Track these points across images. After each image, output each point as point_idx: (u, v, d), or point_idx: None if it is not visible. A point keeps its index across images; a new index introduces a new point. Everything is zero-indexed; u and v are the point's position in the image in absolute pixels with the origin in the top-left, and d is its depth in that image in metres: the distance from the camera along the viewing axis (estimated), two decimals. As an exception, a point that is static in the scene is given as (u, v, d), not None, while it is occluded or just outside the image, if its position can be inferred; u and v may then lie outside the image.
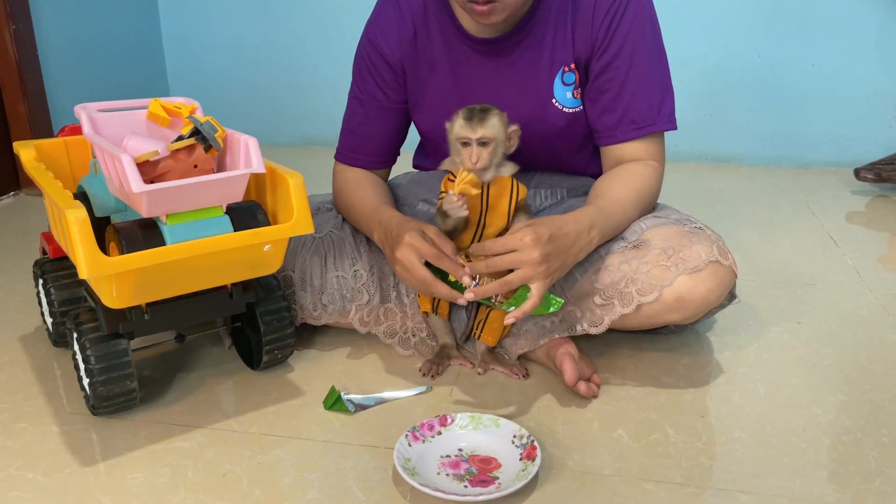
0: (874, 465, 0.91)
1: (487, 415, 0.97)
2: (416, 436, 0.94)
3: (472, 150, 0.98)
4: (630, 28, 1.11)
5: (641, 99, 1.12)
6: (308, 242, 1.21)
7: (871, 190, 2.12)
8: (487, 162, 0.99)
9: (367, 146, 1.27)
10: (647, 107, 1.13)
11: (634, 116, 1.13)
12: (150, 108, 1.02)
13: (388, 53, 1.20)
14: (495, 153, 1.00)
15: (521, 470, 0.88)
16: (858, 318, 1.31)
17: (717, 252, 1.04)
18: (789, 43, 2.30)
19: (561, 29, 1.13)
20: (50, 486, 0.89)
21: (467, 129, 0.98)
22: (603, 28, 1.11)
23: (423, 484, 0.85)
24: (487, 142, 0.98)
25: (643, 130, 1.13)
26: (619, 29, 1.10)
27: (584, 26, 1.12)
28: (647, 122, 1.13)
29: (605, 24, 1.11)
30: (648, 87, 1.12)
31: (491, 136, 0.98)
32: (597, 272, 1.07)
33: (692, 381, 1.11)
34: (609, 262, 1.07)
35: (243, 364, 1.17)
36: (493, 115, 0.99)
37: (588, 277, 1.07)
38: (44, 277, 1.18)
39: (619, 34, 1.11)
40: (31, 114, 2.12)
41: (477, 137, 0.97)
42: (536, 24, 1.13)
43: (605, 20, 1.10)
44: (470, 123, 0.98)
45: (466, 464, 0.91)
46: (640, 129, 1.13)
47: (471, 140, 0.98)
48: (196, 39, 2.73)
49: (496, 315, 1.10)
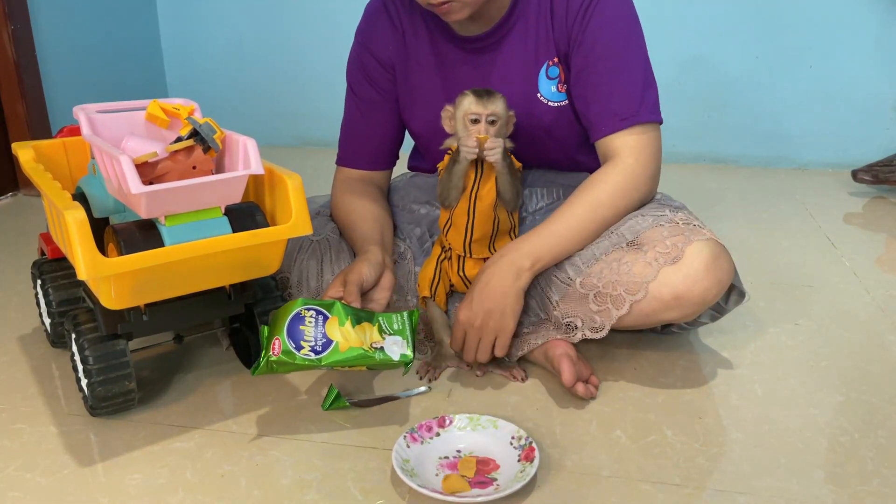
0: (871, 465, 0.91)
1: (486, 416, 0.98)
2: (415, 437, 0.95)
3: (482, 125, 1.06)
4: (604, 20, 1.10)
5: (622, 90, 1.11)
6: (305, 245, 1.21)
7: (868, 191, 2.12)
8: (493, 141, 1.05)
9: (367, 147, 1.28)
10: (628, 98, 1.11)
11: (617, 108, 1.11)
12: (149, 110, 1.02)
13: (379, 55, 1.22)
14: (499, 133, 1.07)
15: (520, 471, 0.88)
16: (856, 320, 1.31)
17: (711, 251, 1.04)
18: (787, 45, 2.30)
19: (543, 23, 1.14)
20: (48, 487, 0.89)
21: (479, 105, 1.05)
22: (577, 21, 1.11)
23: (421, 485, 0.85)
24: (495, 119, 1.06)
25: (626, 122, 1.11)
26: (593, 21, 1.10)
27: (561, 20, 1.12)
28: (630, 112, 1.11)
29: (580, 17, 1.11)
30: (628, 78, 1.12)
31: (499, 113, 1.06)
32: (589, 275, 1.07)
33: (690, 382, 1.11)
34: (602, 263, 1.07)
35: (241, 365, 1.17)
36: (499, 95, 1.07)
37: (582, 279, 1.08)
38: (42, 278, 1.18)
39: (593, 26, 1.11)
40: (30, 114, 2.11)
41: (487, 113, 1.05)
42: (519, 20, 1.14)
43: (580, 13, 1.11)
44: (480, 100, 1.05)
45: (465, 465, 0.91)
46: (623, 121, 1.11)
47: (481, 116, 1.05)
48: (195, 40, 2.73)
49: None
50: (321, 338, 0.96)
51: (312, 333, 0.96)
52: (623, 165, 1.11)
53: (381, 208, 1.26)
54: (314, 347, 0.95)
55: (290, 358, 0.94)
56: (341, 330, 0.97)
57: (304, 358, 0.95)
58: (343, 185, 1.28)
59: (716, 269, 1.04)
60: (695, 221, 1.09)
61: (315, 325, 0.96)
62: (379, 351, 0.98)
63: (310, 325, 0.96)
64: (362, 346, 0.97)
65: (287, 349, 0.94)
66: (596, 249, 1.09)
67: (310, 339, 0.96)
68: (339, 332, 0.97)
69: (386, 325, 1.01)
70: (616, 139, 1.12)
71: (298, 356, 0.94)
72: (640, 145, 1.12)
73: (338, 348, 0.96)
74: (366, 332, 0.99)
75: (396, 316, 1.02)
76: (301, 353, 0.95)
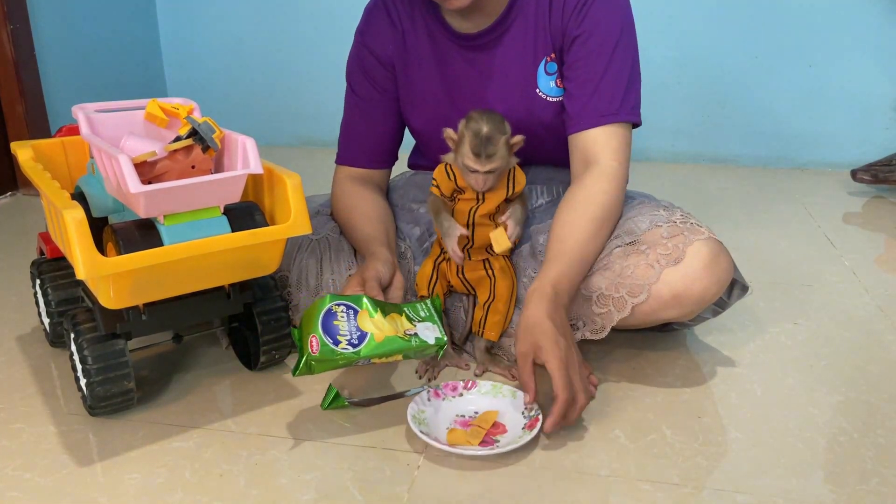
0: (870, 465, 0.91)
1: (508, 386, 1.04)
2: (438, 393, 1.02)
3: (479, 177, 1.05)
4: (599, 18, 1.11)
5: (606, 87, 1.12)
6: (305, 244, 1.21)
7: (867, 191, 2.12)
8: (493, 184, 1.07)
9: (367, 145, 1.28)
10: (611, 96, 1.12)
11: (598, 104, 1.12)
12: (148, 109, 1.02)
13: (379, 54, 1.22)
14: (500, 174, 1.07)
15: (518, 437, 0.94)
16: (855, 319, 1.31)
17: (710, 250, 1.04)
18: (786, 44, 2.31)
19: (542, 19, 1.14)
20: (47, 487, 0.89)
21: (477, 163, 1.03)
22: (573, 17, 1.12)
23: (425, 432, 0.92)
24: (493, 171, 1.04)
25: (606, 119, 1.11)
26: (588, 18, 1.11)
27: (558, 15, 1.13)
28: (611, 111, 1.11)
29: (576, 13, 1.11)
30: (615, 77, 1.12)
31: (499, 167, 1.05)
32: (592, 276, 1.07)
33: (689, 382, 1.11)
34: (604, 266, 1.07)
35: (240, 364, 1.17)
36: (500, 145, 1.03)
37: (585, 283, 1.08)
38: (41, 277, 1.18)
39: (588, 23, 1.11)
40: (29, 114, 2.11)
41: (485, 171, 1.04)
42: (518, 16, 1.15)
43: (576, 9, 1.11)
44: (479, 159, 1.03)
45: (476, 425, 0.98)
46: (604, 118, 1.11)
47: (478, 172, 1.04)
48: (194, 40, 2.73)
49: (495, 309, 1.12)
50: (355, 331, 0.96)
51: (346, 327, 0.96)
52: (611, 172, 1.11)
53: (383, 208, 1.26)
54: (351, 341, 0.95)
55: (330, 354, 0.94)
56: (373, 321, 0.97)
57: (343, 352, 0.94)
58: (343, 184, 1.28)
59: (715, 268, 1.04)
60: (692, 219, 1.09)
61: (347, 320, 0.97)
62: (414, 337, 0.99)
63: (342, 320, 0.96)
64: (397, 335, 0.98)
65: (325, 345, 0.94)
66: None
67: (345, 334, 0.96)
68: (371, 324, 0.97)
69: (412, 313, 1.03)
70: (593, 134, 1.12)
71: (338, 350, 0.94)
72: (620, 146, 1.12)
73: (374, 339, 0.96)
74: (396, 321, 1.00)
75: (421, 304, 1.05)
76: (339, 348, 0.94)
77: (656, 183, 2.19)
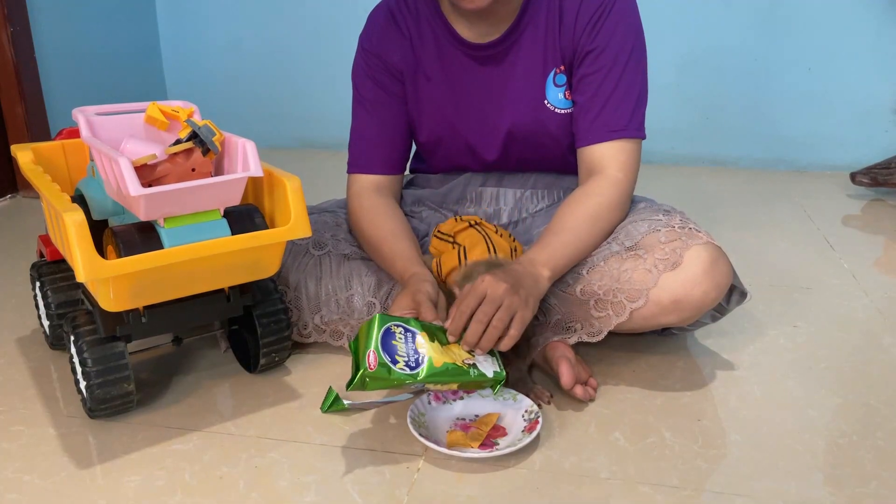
0: (870, 467, 0.92)
1: (509, 389, 1.03)
2: (438, 396, 1.01)
3: None
4: (613, 31, 1.11)
5: (616, 103, 1.12)
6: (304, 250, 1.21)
7: (866, 194, 2.12)
8: None
9: (380, 149, 1.26)
10: (620, 111, 1.12)
11: (608, 119, 1.13)
12: (148, 112, 1.02)
13: (386, 60, 1.21)
14: None
15: (517, 440, 0.94)
16: (854, 322, 1.31)
17: (709, 255, 1.04)
18: (785, 46, 2.31)
19: (551, 31, 1.14)
20: (47, 489, 0.89)
21: None
22: (587, 31, 1.12)
23: (424, 436, 0.92)
24: None
25: (615, 134, 1.13)
26: (602, 32, 1.11)
27: (569, 28, 1.13)
28: (619, 126, 1.13)
29: (590, 27, 1.12)
30: (625, 92, 1.13)
31: None
32: (590, 281, 1.07)
33: (688, 385, 1.11)
34: (602, 270, 1.07)
35: (240, 367, 1.17)
36: None
37: (582, 286, 1.08)
38: (41, 280, 1.18)
39: (601, 37, 1.11)
40: (29, 116, 2.11)
41: None
42: (527, 27, 1.15)
43: (589, 23, 1.12)
44: None
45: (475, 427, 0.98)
46: (614, 132, 1.13)
47: None
48: (194, 43, 2.74)
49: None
50: (412, 353, 0.92)
51: (405, 349, 0.92)
52: (614, 180, 1.12)
53: (406, 222, 1.24)
54: (408, 363, 0.92)
55: (386, 373, 0.90)
56: (430, 346, 0.94)
57: (400, 372, 0.91)
58: (361, 198, 1.25)
59: (714, 273, 1.04)
60: (690, 224, 1.10)
61: (405, 341, 0.93)
62: (473, 367, 0.95)
63: (401, 341, 0.93)
64: (455, 363, 0.94)
65: (383, 363, 0.90)
66: (595, 256, 1.09)
67: (403, 355, 0.92)
68: (429, 348, 0.93)
69: None
70: (601, 149, 1.13)
71: (395, 370, 0.91)
72: (628, 160, 1.13)
73: (433, 363, 0.92)
74: (451, 349, 0.96)
75: None
76: (397, 367, 0.91)
77: (656, 185, 2.19)
